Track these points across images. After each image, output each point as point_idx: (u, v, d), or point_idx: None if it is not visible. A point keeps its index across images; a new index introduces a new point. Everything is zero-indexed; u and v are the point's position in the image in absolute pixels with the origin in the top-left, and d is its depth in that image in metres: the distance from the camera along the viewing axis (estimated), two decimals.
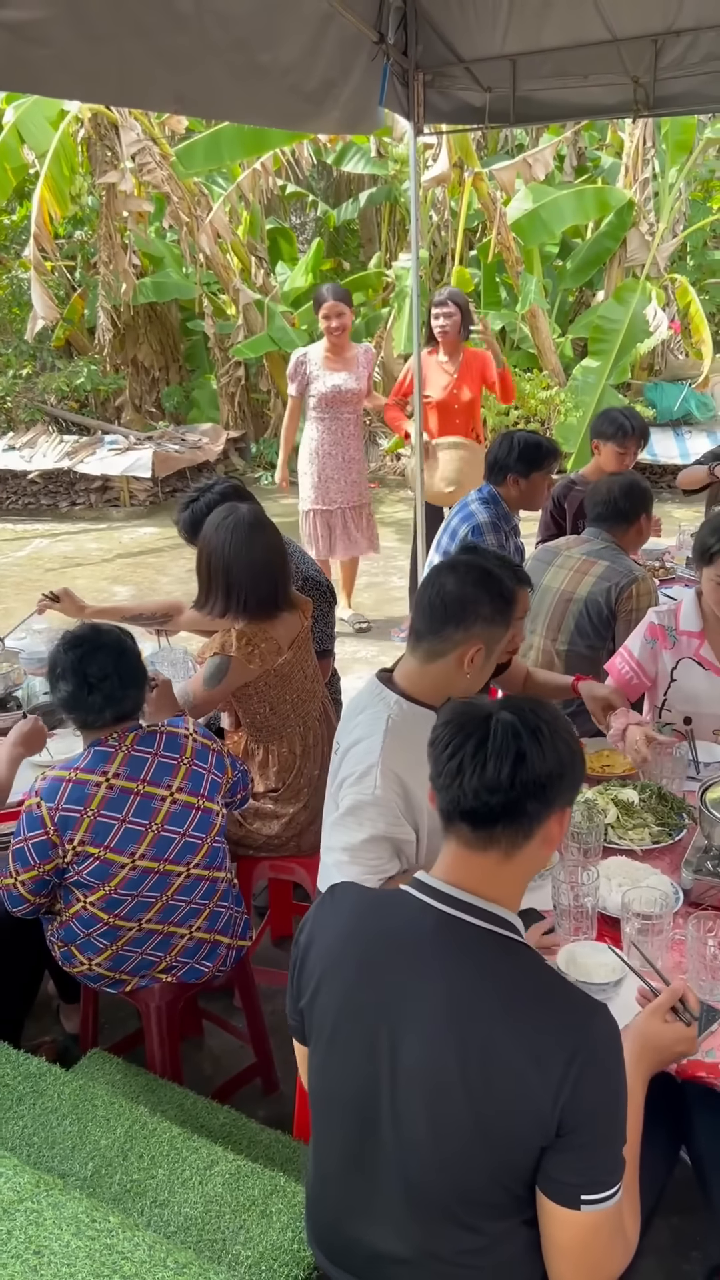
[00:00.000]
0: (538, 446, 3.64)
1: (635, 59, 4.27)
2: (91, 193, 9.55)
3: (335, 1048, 1.53)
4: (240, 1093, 2.70)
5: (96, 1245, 1.62)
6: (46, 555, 8.20)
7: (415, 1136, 1.42)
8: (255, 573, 2.75)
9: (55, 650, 2.33)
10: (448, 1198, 1.42)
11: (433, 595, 2.15)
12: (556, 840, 1.51)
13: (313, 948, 1.58)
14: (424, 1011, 1.43)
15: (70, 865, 2.29)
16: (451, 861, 1.50)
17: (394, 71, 4.37)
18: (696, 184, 9.88)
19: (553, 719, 1.49)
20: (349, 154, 9.37)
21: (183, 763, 2.39)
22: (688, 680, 2.82)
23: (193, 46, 3.23)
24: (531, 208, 8.17)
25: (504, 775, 1.41)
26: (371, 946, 1.52)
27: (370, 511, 5.77)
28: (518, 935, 1.48)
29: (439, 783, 1.48)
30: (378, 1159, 1.47)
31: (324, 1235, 1.60)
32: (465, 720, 1.48)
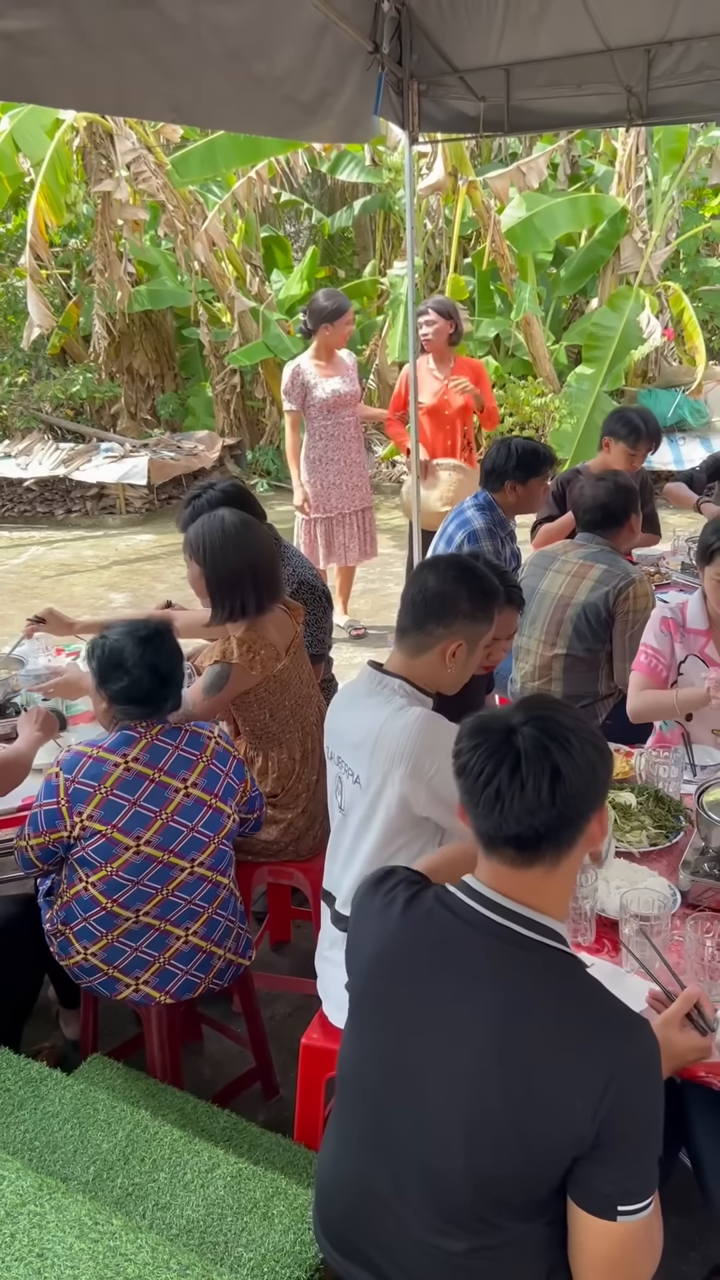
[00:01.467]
0: (535, 453, 3.67)
1: (629, 68, 4.31)
2: (87, 201, 9.57)
3: (371, 1040, 1.55)
4: (240, 1097, 2.70)
5: (100, 1247, 1.63)
6: (43, 563, 8.20)
7: (446, 1139, 1.42)
8: (235, 577, 2.76)
9: (118, 642, 2.35)
10: (473, 1199, 1.43)
11: (415, 592, 2.19)
12: (599, 839, 1.50)
13: (363, 933, 1.59)
14: (467, 1017, 1.43)
15: (77, 840, 2.34)
16: (496, 874, 1.48)
17: (389, 81, 4.40)
18: (689, 192, 9.93)
19: (575, 722, 1.47)
20: (343, 162, 9.40)
21: (202, 760, 2.43)
22: (693, 676, 2.85)
23: (189, 56, 3.25)
24: (525, 215, 8.20)
25: (544, 795, 1.39)
26: (419, 946, 1.51)
27: (372, 515, 5.76)
28: (564, 945, 1.48)
29: (477, 811, 1.45)
30: (402, 1155, 1.48)
31: (333, 1228, 1.61)
32: (490, 739, 1.45)
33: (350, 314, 5.37)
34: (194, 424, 10.24)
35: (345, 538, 5.61)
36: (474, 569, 2.22)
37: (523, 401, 8.66)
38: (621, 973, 1.97)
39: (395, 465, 9.75)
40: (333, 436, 5.44)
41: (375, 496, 9.53)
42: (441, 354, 5.41)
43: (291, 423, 5.42)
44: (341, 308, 5.26)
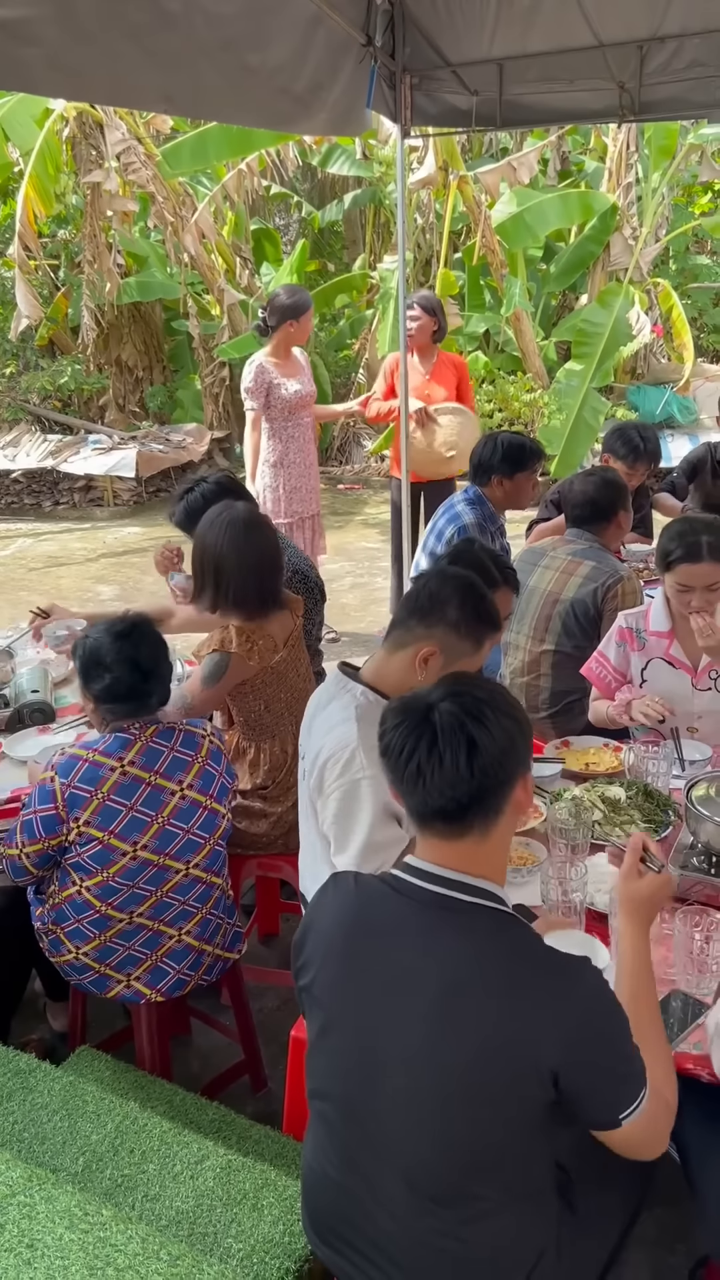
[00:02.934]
0: (521, 448, 3.67)
1: (621, 64, 4.31)
2: (76, 191, 9.52)
3: (332, 1030, 1.57)
4: (229, 1090, 2.70)
5: (89, 1238, 1.63)
6: (30, 555, 8.17)
7: (419, 1116, 1.45)
8: (247, 570, 2.77)
9: (98, 640, 2.33)
10: (453, 1172, 1.46)
11: (414, 590, 2.21)
12: (526, 805, 1.58)
13: (310, 932, 1.62)
14: (421, 989, 1.46)
15: (73, 845, 2.31)
16: (432, 848, 1.55)
17: (381, 74, 4.39)
18: (679, 189, 9.95)
19: (491, 695, 1.54)
20: (334, 156, 9.38)
21: (197, 761, 2.41)
22: (658, 680, 2.86)
23: (182, 46, 3.24)
24: (516, 211, 8.20)
25: (462, 768, 1.46)
26: (365, 931, 1.56)
27: (321, 518, 5.60)
28: (505, 907, 1.54)
29: (402, 789, 1.53)
30: (377, 1141, 1.50)
31: (318, 1220, 1.62)
32: (409, 719, 1.52)
33: (311, 309, 5.24)
34: (182, 417, 10.21)
35: (302, 543, 5.40)
36: (478, 588, 2.19)
37: (512, 397, 8.67)
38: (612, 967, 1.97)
39: (384, 459, 9.75)
40: (293, 438, 5.26)
41: (365, 491, 9.60)
42: (424, 350, 5.38)
43: (254, 422, 5.19)
44: (304, 303, 5.13)
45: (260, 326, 5.21)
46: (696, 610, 2.71)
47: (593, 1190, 1.67)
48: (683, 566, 2.69)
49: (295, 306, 5.08)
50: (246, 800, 2.89)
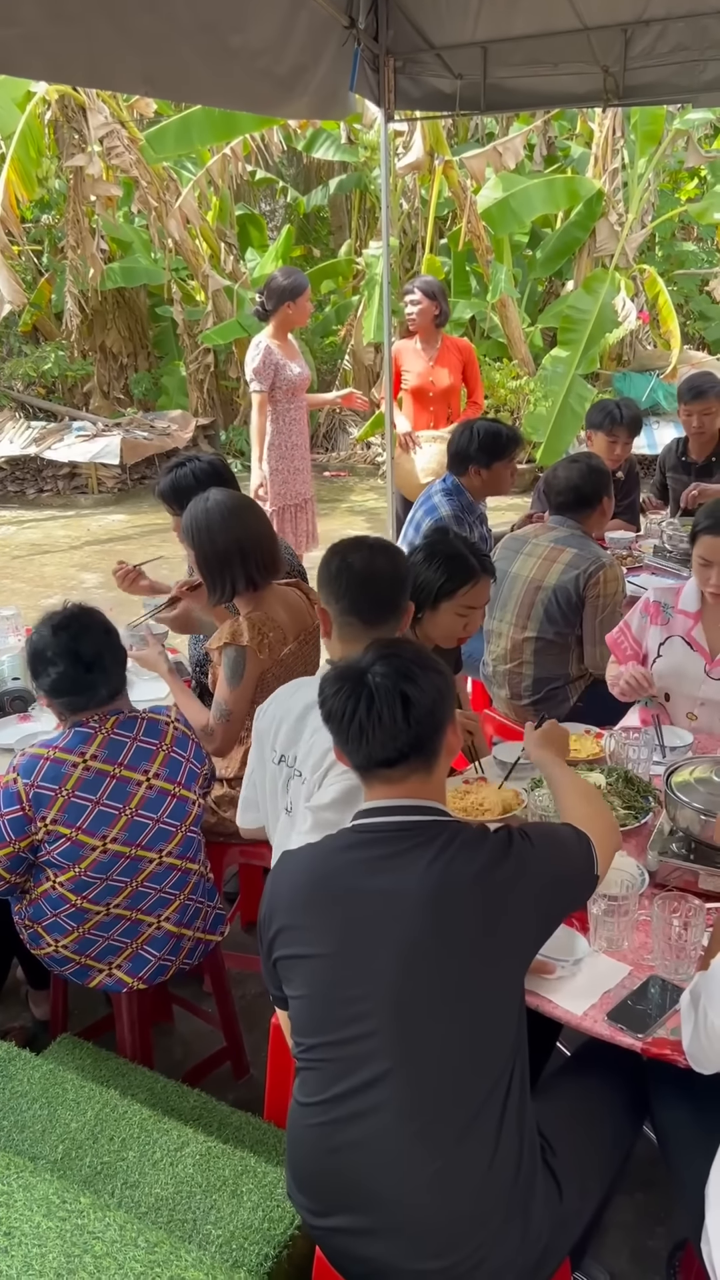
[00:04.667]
0: (497, 435, 3.65)
1: (605, 48, 4.30)
2: (59, 176, 9.44)
3: (316, 973, 1.63)
4: (210, 1077, 2.70)
5: (67, 1226, 1.63)
6: (14, 542, 8.13)
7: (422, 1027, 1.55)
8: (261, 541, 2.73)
9: (39, 635, 2.29)
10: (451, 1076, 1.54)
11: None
12: (457, 746, 1.81)
13: (273, 907, 1.71)
14: (403, 908, 1.59)
15: (42, 844, 2.28)
16: (381, 791, 1.73)
17: (365, 57, 4.37)
18: (665, 175, 9.92)
19: (417, 655, 1.75)
20: (319, 140, 9.32)
21: (162, 749, 2.38)
22: (672, 658, 2.87)
23: (162, 28, 3.21)
24: (501, 196, 8.16)
25: (400, 721, 1.66)
26: (331, 877, 1.68)
27: (314, 502, 5.56)
28: (452, 816, 1.75)
29: (348, 748, 1.72)
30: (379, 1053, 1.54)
31: (310, 1177, 1.63)
32: (347, 684, 1.70)
33: (308, 291, 5.20)
34: (167, 403, 10.16)
35: (297, 528, 5.39)
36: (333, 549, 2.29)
37: (497, 384, 8.66)
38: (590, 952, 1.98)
39: (370, 446, 9.73)
40: (295, 421, 5.23)
41: (350, 479, 9.58)
42: (427, 335, 5.38)
43: (260, 405, 5.15)
44: (301, 284, 5.09)
45: (258, 310, 5.16)
46: (716, 589, 2.71)
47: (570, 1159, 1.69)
48: (707, 538, 2.70)
49: (292, 288, 5.02)
50: (234, 789, 2.86)
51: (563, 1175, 1.64)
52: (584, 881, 1.79)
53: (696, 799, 2.18)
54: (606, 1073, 1.92)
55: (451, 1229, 1.50)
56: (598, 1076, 1.91)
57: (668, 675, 2.87)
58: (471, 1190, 1.51)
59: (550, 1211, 1.59)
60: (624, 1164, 1.87)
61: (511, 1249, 1.53)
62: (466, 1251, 1.50)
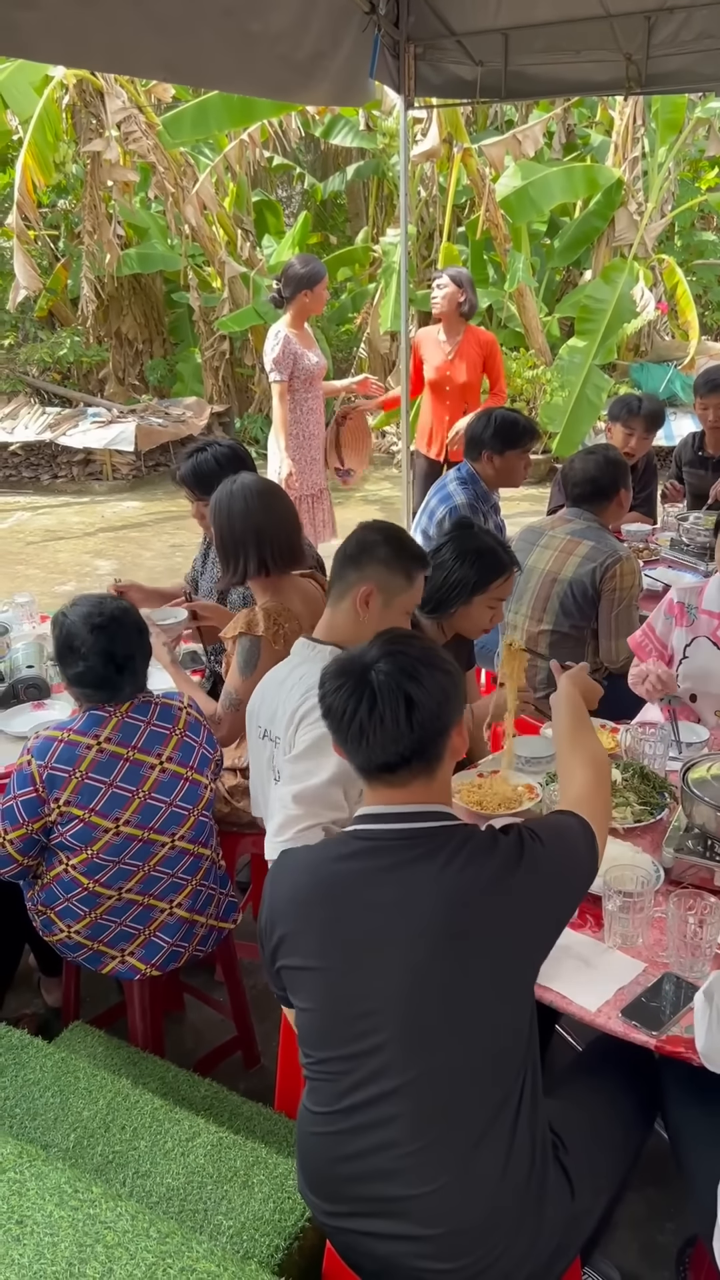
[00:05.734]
0: (514, 424, 3.63)
1: (628, 35, 4.26)
2: (76, 161, 9.42)
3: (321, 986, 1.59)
4: (221, 1066, 2.71)
5: (79, 1215, 1.63)
6: (28, 528, 8.14)
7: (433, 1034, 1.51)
8: (280, 526, 2.73)
9: (75, 626, 2.29)
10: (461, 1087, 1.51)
11: (342, 544, 2.29)
12: (462, 749, 1.69)
13: (273, 913, 1.65)
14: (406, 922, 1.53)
15: (55, 825, 2.30)
16: (383, 795, 1.65)
17: (385, 43, 4.34)
18: (685, 164, 9.84)
19: (425, 654, 1.64)
20: (337, 127, 9.28)
21: (175, 733, 2.39)
22: (699, 658, 2.84)
23: (182, 13, 3.20)
24: (520, 185, 8.11)
25: (402, 724, 1.57)
26: (332, 887, 1.61)
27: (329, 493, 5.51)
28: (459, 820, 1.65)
29: (348, 748, 1.63)
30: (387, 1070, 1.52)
31: (320, 1177, 1.62)
32: (349, 680, 1.62)
33: (325, 279, 5.13)
34: (182, 390, 10.15)
35: (315, 518, 5.35)
36: (398, 531, 2.28)
37: (514, 374, 8.61)
38: (605, 949, 1.98)
39: (385, 435, 9.70)
40: (311, 410, 5.16)
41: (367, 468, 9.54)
42: (451, 323, 5.24)
43: (281, 394, 5.07)
44: (319, 272, 5.01)
45: (275, 298, 5.11)
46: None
47: (582, 1156, 1.68)
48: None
49: (310, 276, 4.95)
50: (246, 779, 2.87)
51: (575, 1173, 1.63)
52: (590, 878, 1.72)
53: (713, 795, 2.17)
54: (619, 1069, 1.91)
55: (465, 1235, 1.50)
56: (611, 1073, 1.90)
57: (695, 676, 2.84)
58: (485, 1198, 1.50)
59: (562, 1210, 1.59)
60: (636, 1160, 1.87)
61: (524, 1249, 1.53)
62: (480, 1254, 1.50)
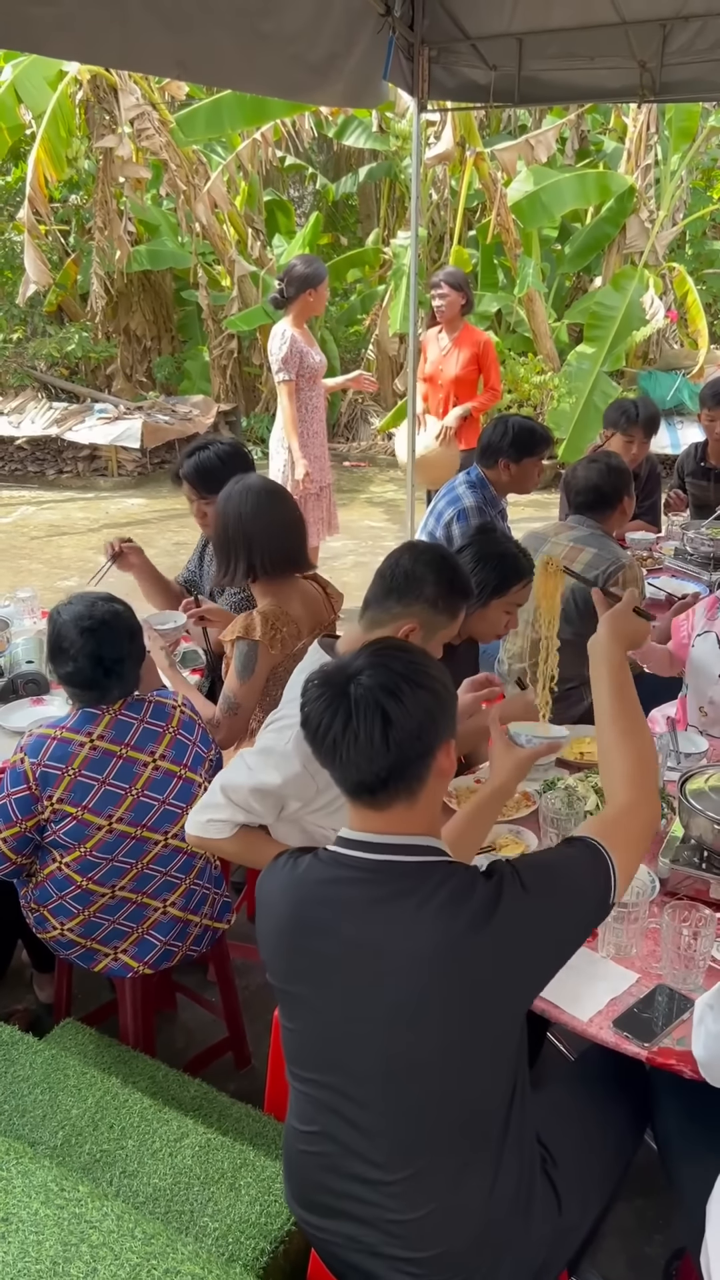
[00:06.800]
0: (531, 432, 3.64)
1: (643, 43, 4.25)
2: (88, 156, 9.42)
3: (299, 1012, 1.56)
4: (212, 1066, 2.70)
5: (65, 1214, 1.63)
6: (32, 523, 8.14)
7: (406, 1077, 1.46)
8: (277, 530, 2.72)
9: (65, 625, 2.29)
10: (441, 1129, 1.47)
11: (387, 567, 2.20)
12: (450, 771, 1.58)
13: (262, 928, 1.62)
14: (379, 963, 1.46)
15: (48, 823, 2.29)
16: (363, 818, 1.55)
17: (399, 45, 4.34)
18: (698, 172, 9.83)
19: (410, 669, 1.52)
20: (350, 128, 9.27)
21: (168, 731, 2.39)
22: (701, 651, 2.90)
23: (195, 11, 3.19)
24: (532, 190, 8.10)
25: (377, 742, 1.46)
26: (311, 916, 1.54)
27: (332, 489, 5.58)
28: (442, 855, 1.55)
29: (322, 761, 1.54)
30: (364, 1108, 1.50)
31: (305, 1191, 1.62)
32: (329, 690, 1.52)
33: (327, 279, 5.21)
34: (189, 388, 10.15)
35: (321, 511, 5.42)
36: (453, 562, 2.22)
37: (522, 379, 8.61)
38: (598, 959, 1.97)
39: (391, 437, 9.69)
40: (315, 409, 5.23)
41: (371, 469, 9.55)
42: (452, 324, 5.51)
43: (290, 392, 5.12)
44: (321, 273, 5.09)
45: (276, 298, 5.17)
46: None
47: (572, 1169, 1.67)
48: None
49: (313, 276, 5.03)
50: None
51: (563, 1187, 1.62)
52: (594, 916, 1.56)
53: (710, 807, 2.16)
54: (610, 1080, 1.91)
55: (453, 1255, 1.49)
56: (602, 1084, 1.90)
57: (692, 666, 2.91)
58: (470, 1223, 1.49)
59: (548, 1226, 1.58)
60: (625, 1172, 1.86)
61: (510, 1267, 1.52)
62: (465, 1274, 1.49)
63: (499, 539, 2.79)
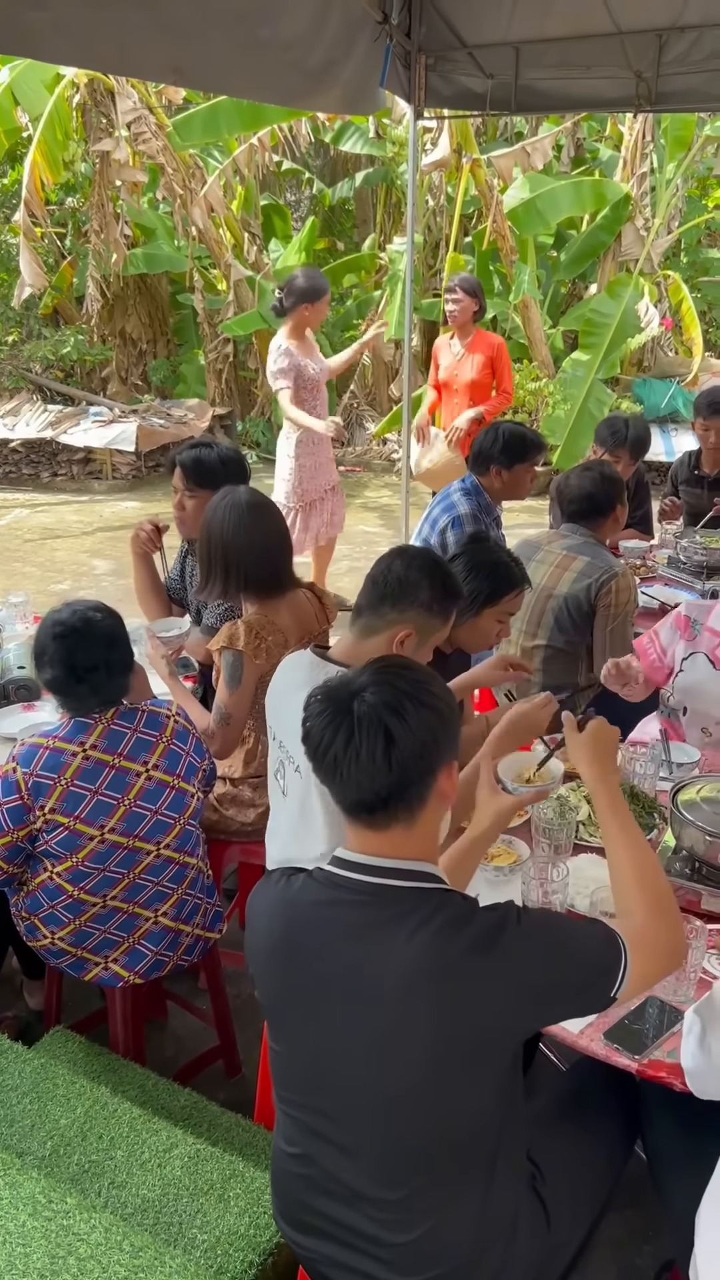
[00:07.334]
0: (522, 439, 3.64)
1: (639, 53, 4.27)
2: (85, 160, 9.41)
3: (287, 1034, 1.55)
4: (202, 1075, 2.70)
5: (53, 1226, 1.62)
6: (25, 526, 8.12)
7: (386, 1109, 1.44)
8: (258, 551, 2.71)
9: (42, 633, 2.29)
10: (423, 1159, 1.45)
11: (379, 573, 2.18)
12: (451, 794, 1.55)
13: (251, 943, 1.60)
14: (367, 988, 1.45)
15: (40, 833, 2.28)
16: (361, 838, 1.53)
17: (396, 53, 4.34)
18: (694, 181, 9.85)
19: (415, 687, 1.50)
20: (347, 133, 9.28)
21: (161, 741, 2.37)
22: (694, 673, 2.85)
23: (193, 17, 3.19)
24: (528, 197, 8.11)
25: (379, 761, 1.44)
26: (301, 937, 1.52)
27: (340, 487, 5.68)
28: (439, 882, 1.53)
29: (323, 778, 1.51)
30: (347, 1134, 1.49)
31: (291, 1210, 1.61)
32: (331, 707, 1.50)
33: (328, 295, 5.30)
34: (185, 392, 10.14)
35: (327, 514, 5.55)
36: (443, 566, 2.21)
37: (517, 385, 8.61)
38: None
39: (386, 443, 9.70)
40: (318, 416, 5.30)
41: (366, 474, 9.55)
42: (465, 330, 5.55)
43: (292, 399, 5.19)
44: (321, 288, 5.16)
45: (276, 306, 5.24)
46: None
47: (562, 1184, 1.67)
48: None
49: (311, 291, 5.11)
50: (236, 788, 2.86)
51: (552, 1204, 1.61)
52: (589, 996, 1.52)
53: (702, 818, 2.16)
54: (601, 1092, 1.90)
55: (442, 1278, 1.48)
56: (592, 1096, 1.89)
57: (688, 690, 2.85)
58: (459, 1246, 1.48)
59: (539, 1243, 1.57)
60: (616, 1185, 1.86)
61: None
62: None
63: (491, 548, 2.78)
